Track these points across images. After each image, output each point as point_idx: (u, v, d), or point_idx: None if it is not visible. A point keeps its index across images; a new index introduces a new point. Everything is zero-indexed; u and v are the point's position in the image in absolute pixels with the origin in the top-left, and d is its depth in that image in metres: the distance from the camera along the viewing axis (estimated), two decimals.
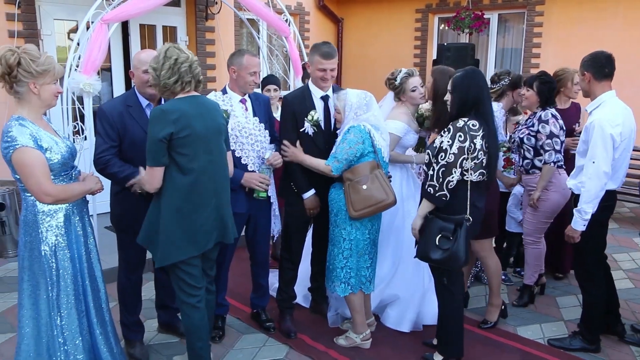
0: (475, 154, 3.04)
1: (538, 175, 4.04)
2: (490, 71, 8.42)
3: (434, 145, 3.11)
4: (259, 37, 7.00)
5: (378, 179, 3.30)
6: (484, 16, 7.96)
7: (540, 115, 4.03)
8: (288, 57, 6.76)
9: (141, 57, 3.18)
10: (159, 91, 2.83)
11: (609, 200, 3.40)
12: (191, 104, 2.79)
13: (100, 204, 4.59)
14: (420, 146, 4.12)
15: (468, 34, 8.21)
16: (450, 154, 3.00)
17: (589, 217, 3.30)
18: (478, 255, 3.83)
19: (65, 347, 2.79)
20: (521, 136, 4.11)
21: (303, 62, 5.76)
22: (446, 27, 8.39)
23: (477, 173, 3.09)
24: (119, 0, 4.50)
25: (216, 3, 6.65)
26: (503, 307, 3.95)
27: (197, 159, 2.79)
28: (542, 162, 3.99)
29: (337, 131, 3.50)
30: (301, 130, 3.52)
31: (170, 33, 6.70)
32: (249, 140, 3.47)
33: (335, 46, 10.48)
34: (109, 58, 6.04)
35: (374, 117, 3.37)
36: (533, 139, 4.04)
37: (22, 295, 2.75)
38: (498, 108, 4.42)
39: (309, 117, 3.51)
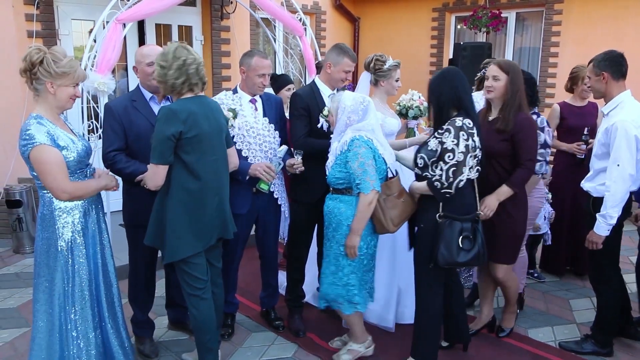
0: (476, 151, 3.05)
1: None
2: None
3: (431, 149, 3.04)
4: (274, 38, 7.02)
5: (405, 190, 3.26)
6: (502, 15, 7.87)
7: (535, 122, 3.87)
8: (303, 57, 6.78)
9: (144, 51, 3.26)
10: (164, 89, 2.87)
11: (626, 202, 3.32)
12: (198, 105, 2.83)
13: (114, 201, 4.64)
14: (409, 136, 4.10)
15: (485, 33, 8.12)
16: (459, 153, 2.96)
17: (614, 221, 3.21)
18: (497, 278, 3.57)
19: (78, 342, 2.83)
20: None
21: (317, 61, 5.75)
22: (463, 26, 8.31)
23: (475, 170, 3.10)
24: (134, 0, 4.55)
25: (231, 2, 6.68)
26: (518, 311, 3.89)
27: (203, 158, 2.84)
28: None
29: (331, 135, 3.34)
30: (317, 126, 3.53)
31: (185, 32, 6.75)
32: (257, 140, 3.48)
33: (352, 46, 10.45)
34: (126, 57, 6.11)
35: (369, 126, 3.14)
36: None
37: (38, 290, 2.81)
38: (480, 96, 4.36)
39: (325, 113, 3.51)
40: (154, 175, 2.77)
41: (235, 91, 3.56)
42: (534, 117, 3.74)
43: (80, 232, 2.80)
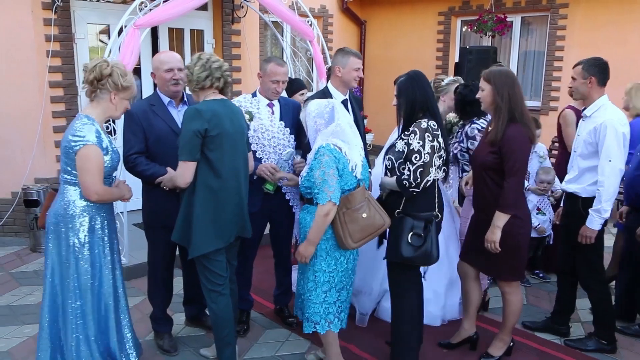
0: (440, 152, 3.11)
1: None
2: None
3: (398, 150, 3.12)
4: (282, 40, 7.14)
5: (372, 204, 3.08)
6: (507, 19, 7.98)
7: (466, 131, 3.95)
8: (311, 60, 6.90)
9: (161, 57, 3.42)
10: (191, 87, 3.05)
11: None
12: (221, 106, 3.00)
13: (134, 201, 4.77)
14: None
15: (491, 37, 8.24)
16: (425, 154, 3.02)
17: (608, 215, 3.35)
18: (502, 290, 3.44)
19: (77, 335, 2.97)
20: (454, 152, 4.05)
21: (327, 66, 5.87)
22: (469, 30, 8.42)
23: (441, 170, 3.18)
24: (151, 5, 4.68)
25: (242, 7, 6.81)
26: (512, 344, 3.57)
27: (225, 157, 2.99)
28: None
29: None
30: None
31: (197, 36, 6.88)
32: (271, 142, 3.60)
33: (358, 49, 10.54)
34: (139, 60, 6.23)
35: (339, 128, 3.01)
36: (467, 155, 3.97)
37: (46, 284, 2.98)
38: None
39: None
40: (184, 172, 2.91)
41: (254, 95, 3.70)
42: (469, 127, 3.90)
43: (87, 233, 2.93)
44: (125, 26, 4.56)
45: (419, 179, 3.03)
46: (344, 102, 3.76)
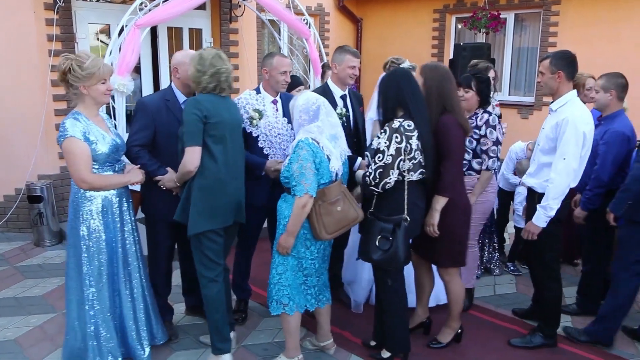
0: (412, 154, 3.08)
1: (474, 177, 3.90)
2: (506, 70, 8.58)
3: (373, 147, 3.14)
4: (279, 38, 7.27)
5: (347, 197, 3.19)
6: (501, 16, 8.10)
7: (488, 120, 3.86)
8: (308, 57, 7.03)
9: (187, 54, 3.43)
10: (195, 88, 3.18)
11: (566, 197, 3.38)
12: (219, 99, 3.17)
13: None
14: None
15: (485, 34, 8.36)
16: (388, 155, 3.04)
17: (553, 213, 3.31)
18: (443, 279, 3.57)
19: (95, 320, 3.12)
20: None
21: (322, 63, 6.00)
22: (463, 27, 8.55)
23: (417, 173, 3.15)
24: (151, 5, 4.81)
25: (240, 6, 6.93)
26: (460, 331, 3.70)
27: (224, 144, 3.14)
28: (485, 167, 3.86)
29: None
30: None
31: (196, 35, 7.01)
32: (277, 139, 3.72)
33: (355, 46, 10.63)
34: (139, 59, 6.37)
35: (317, 128, 3.08)
36: (475, 142, 3.88)
37: (69, 268, 3.12)
38: None
39: (337, 111, 3.75)
40: (192, 157, 3.03)
41: (258, 91, 3.79)
42: (485, 115, 3.88)
43: (101, 221, 3.08)
44: (126, 26, 4.69)
45: (377, 179, 3.06)
46: (343, 98, 3.90)
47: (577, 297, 4.27)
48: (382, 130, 3.13)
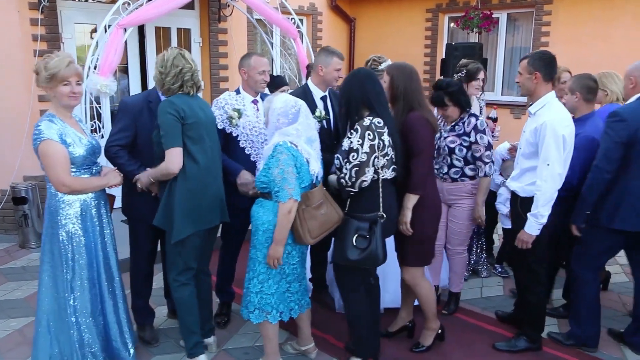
0: (385, 150, 3.07)
1: (467, 183, 3.89)
2: (499, 70, 8.54)
3: (343, 148, 3.10)
4: (268, 39, 7.22)
5: (328, 199, 3.16)
6: (493, 15, 8.06)
7: (476, 125, 3.81)
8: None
9: None
10: (160, 90, 3.14)
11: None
12: (191, 99, 3.13)
13: (118, 198, 4.86)
14: None
15: (477, 33, 8.32)
16: (362, 153, 3.00)
17: (545, 220, 3.26)
18: (409, 284, 3.50)
19: (78, 326, 3.06)
20: (451, 146, 3.86)
21: (308, 63, 5.96)
22: (456, 27, 8.51)
23: (390, 170, 3.14)
24: (135, 5, 4.77)
25: (228, 6, 6.89)
26: (440, 331, 3.66)
27: (202, 144, 3.09)
28: (483, 173, 3.85)
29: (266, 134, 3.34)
30: None
31: (184, 35, 6.96)
32: (259, 139, 3.70)
33: (348, 46, 10.56)
34: (126, 59, 6.34)
35: (294, 130, 3.04)
36: (465, 150, 3.84)
37: (43, 276, 3.05)
38: None
39: (317, 114, 3.72)
40: (174, 158, 2.97)
41: (238, 92, 3.77)
42: (473, 120, 3.83)
43: (80, 224, 3.02)
44: (109, 26, 4.65)
45: (354, 178, 3.02)
46: (323, 99, 3.86)
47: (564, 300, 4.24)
48: (353, 130, 3.09)
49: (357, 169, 3.01)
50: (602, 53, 7.19)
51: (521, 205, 3.38)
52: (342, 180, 3.08)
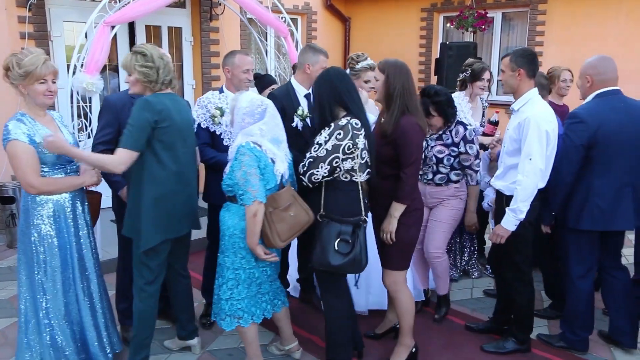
0: (359, 152, 2.93)
1: (451, 187, 3.86)
2: (493, 69, 8.48)
3: (315, 141, 3.00)
4: (259, 38, 7.16)
5: (297, 200, 3.06)
6: (488, 15, 8.01)
7: (465, 135, 3.77)
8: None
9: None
10: (150, 87, 2.99)
11: (535, 199, 3.28)
12: (170, 100, 3.03)
13: (106, 198, 4.81)
14: None
15: (472, 33, 8.27)
16: (323, 148, 2.89)
17: (523, 216, 3.22)
18: (389, 289, 3.37)
19: (50, 329, 3.00)
20: (439, 157, 3.81)
21: (294, 63, 5.91)
22: (450, 26, 8.47)
23: (364, 173, 3.02)
24: (122, 3, 4.71)
25: (219, 4, 6.84)
26: (414, 349, 3.42)
27: (175, 150, 3.01)
28: (475, 182, 3.89)
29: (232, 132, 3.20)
30: (292, 125, 3.68)
31: (175, 33, 6.92)
32: None
33: (343, 45, 10.48)
34: (117, 57, 6.28)
35: (259, 130, 2.91)
36: (452, 159, 3.81)
37: (20, 276, 3.00)
38: (462, 97, 4.49)
39: (299, 112, 3.67)
40: (125, 160, 2.83)
41: (221, 91, 3.74)
42: (461, 129, 3.77)
43: (53, 225, 2.94)
44: (97, 23, 4.59)
45: (305, 168, 2.92)
46: (307, 96, 3.80)
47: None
48: (328, 126, 2.98)
49: (312, 160, 2.91)
50: (596, 52, 6.96)
51: (507, 203, 3.31)
52: (300, 169, 2.98)
